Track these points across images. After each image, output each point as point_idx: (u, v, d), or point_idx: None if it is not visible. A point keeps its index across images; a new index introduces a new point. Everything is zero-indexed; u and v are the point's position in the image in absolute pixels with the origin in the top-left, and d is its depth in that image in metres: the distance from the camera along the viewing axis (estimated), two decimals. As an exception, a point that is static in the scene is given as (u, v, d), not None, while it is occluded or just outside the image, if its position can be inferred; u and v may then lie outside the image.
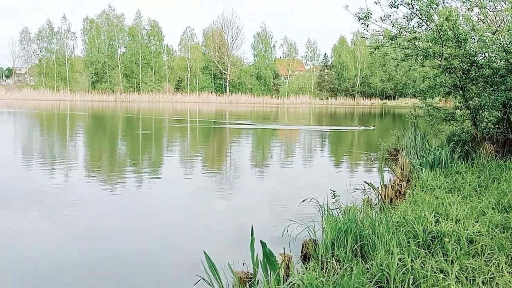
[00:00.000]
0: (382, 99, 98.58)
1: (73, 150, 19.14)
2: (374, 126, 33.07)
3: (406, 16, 12.53)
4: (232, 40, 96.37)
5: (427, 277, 4.58)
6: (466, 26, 12.19)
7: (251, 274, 5.00)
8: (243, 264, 5.33)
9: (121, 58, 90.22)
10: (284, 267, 5.03)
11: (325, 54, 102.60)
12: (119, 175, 13.28)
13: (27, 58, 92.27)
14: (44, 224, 8.40)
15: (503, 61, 12.06)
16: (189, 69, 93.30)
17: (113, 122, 37.53)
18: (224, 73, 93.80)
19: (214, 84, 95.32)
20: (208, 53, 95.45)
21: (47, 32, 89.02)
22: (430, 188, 8.96)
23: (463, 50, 11.69)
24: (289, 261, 5.18)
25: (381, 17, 12.61)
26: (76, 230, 8.06)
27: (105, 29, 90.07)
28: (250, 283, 4.86)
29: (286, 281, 4.73)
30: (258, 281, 4.98)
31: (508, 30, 11.51)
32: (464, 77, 12.44)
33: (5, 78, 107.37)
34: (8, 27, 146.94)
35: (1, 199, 9.85)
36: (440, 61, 12.37)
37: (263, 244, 4.95)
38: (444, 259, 5.03)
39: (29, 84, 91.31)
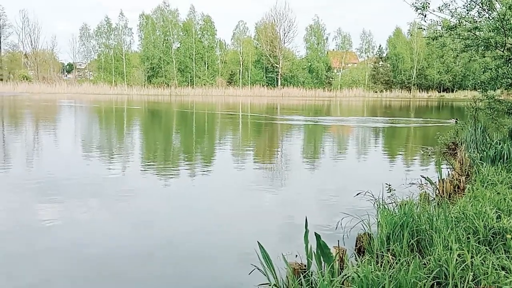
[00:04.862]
0: (440, 92, 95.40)
1: (130, 143, 19.78)
2: (455, 119, 31.74)
3: (466, 5, 12.10)
4: (284, 33, 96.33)
5: (488, 273, 4.43)
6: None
7: (305, 266, 5.02)
8: (296, 256, 5.35)
9: (176, 53, 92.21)
10: (338, 260, 5.00)
11: (380, 45, 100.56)
12: (173, 167, 13.60)
13: (87, 53, 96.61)
14: (102, 212, 8.75)
15: None
16: (241, 63, 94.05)
17: (168, 116, 38.42)
18: (276, 67, 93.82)
19: (266, 77, 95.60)
20: (260, 46, 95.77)
21: (106, 28, 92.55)
22: (491, 183, 8.62)
23: (528, 39, 11.16)
24: (343, 254, 5.15)
25: (439, 7, 12.25)
26: (131, 219, 8.34)
27: (160, 25, 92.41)
28: (304, 274, 4.88)
29: (340, 273, 4.71)
30: (312, 272, 4.99)
31: None
32: (529, 68, 11.88)
33: (67, 73, 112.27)
34: (69, 24, 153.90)
35: (62, 188, 10.33)
36: (503, 51, 11.86)
37: (317, 236, 4.95)
38: (506, 256, 4.86)
39: (89, 79, 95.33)
